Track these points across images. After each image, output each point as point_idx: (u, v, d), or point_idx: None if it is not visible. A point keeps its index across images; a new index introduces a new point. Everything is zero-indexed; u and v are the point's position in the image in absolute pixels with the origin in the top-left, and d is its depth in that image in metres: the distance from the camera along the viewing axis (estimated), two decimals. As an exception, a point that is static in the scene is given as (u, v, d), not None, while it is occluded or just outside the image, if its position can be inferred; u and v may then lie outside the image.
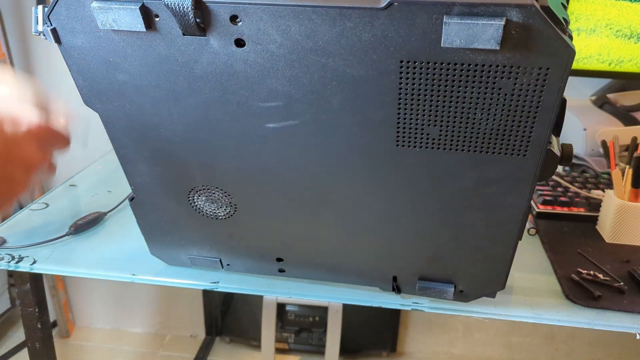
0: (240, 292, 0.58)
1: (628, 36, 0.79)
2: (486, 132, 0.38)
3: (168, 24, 0.37)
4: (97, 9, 0.36)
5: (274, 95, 0.39)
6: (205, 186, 0.49)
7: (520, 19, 0.31)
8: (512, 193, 0.42)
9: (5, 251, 0.62)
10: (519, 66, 0.34)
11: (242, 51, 0.37)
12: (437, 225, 0.46)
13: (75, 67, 0.42)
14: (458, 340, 1.35)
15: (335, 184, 0.45)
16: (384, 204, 0.46)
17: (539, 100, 0.35)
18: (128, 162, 0.49)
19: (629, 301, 0.54)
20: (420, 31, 0.33)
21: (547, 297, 0.56)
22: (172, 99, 0.42)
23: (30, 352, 0.71)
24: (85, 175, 0.87)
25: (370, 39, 0.34)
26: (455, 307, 0.54)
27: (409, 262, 0.51)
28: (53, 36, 0.39)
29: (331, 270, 0.55)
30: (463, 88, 0.36)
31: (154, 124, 0.44)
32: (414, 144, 0.40)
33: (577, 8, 0.78)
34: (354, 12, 0.33)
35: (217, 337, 1.45)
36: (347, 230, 0.49)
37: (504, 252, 0.47)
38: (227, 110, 0.41)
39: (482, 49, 0.33)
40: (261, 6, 0.34)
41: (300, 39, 0.35)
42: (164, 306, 1.46)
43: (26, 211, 0.73)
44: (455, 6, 0.31)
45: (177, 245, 0.57)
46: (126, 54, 0.39)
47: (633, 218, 0.64)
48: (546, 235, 0.67)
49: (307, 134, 0.41)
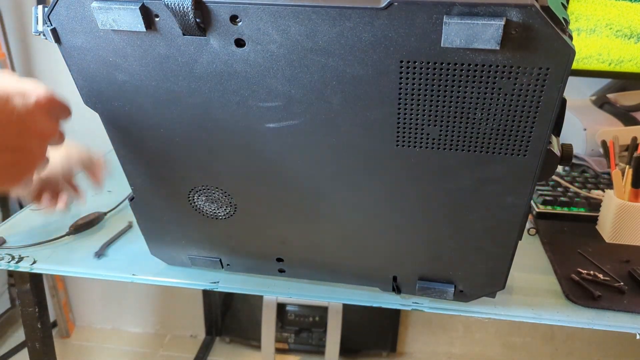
0: (240, 292, 0.58)
1: (628, 36, 0.79)
2: (486, 132, 0.38)
3: (168, 24, 0.37)
4: (97, 9, 0.36)
5: (274, 95, 0.39)
6: (205, 186, 0.49)
7: (520, 19, 0.31)
8: (512, 193, 0.42)
9: (5, 251, 0.62)
10: (519, 66, 0.33)
11: (242, 51, 0.37)
12: (436, 225, 0.46)
13: (75, 67, 0.42)
14: (458, 340, 1.35)
15: (335, 184, 0.45)
16: (383, 204, 0.46)
17: (539, 100, 0.35)
18: (128, 162, 0.49)
19: (629, 301, 0.54)
20: (420, 31, 0.33)
21: (547, 297, 0.56)
22: (172, 99, 0.42)
23: (30, 352, 0.71)
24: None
25: (370, 39, 0.34)
26: (455, 307, 0.54)
27: (409, 262, 0.51)
28: (53, 36, 0.39)
29: (331, 270, 0.55)
30: (463, 88, 0.36)
31: (154, 124, 0.44)
32: (414, 144, 0.40)
33: (577, 8, 0.78)
34: (353, 12, 0.33)
35: (217, 337, 1.45)
36: (347, 230, 0.49)
37: (503, 252, 0.47)
38: (227, 110, 0.41)
39: (482, 49, 0.33)
40: (261, 6, 0.34)
41: (300, 39, 0.35)
42: (164, 306, 1.46)
43: (26, 211, 0.73)
44: (455, 6, 0.31)
45: (177, 245, 0.57)
46: (126, 54, 0.39)
47: (633, 218, 0.64)
48: (546, 235, 0.67)
49: (307, 134, 0.41)
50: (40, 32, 0.41)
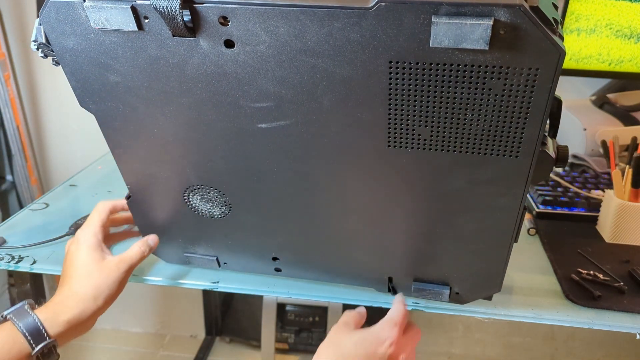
0: (240, 292, 0.58)
1: (628, 36, 0.78)
2: (477, 132, 0.38)
3: (157, 26, 0.37)
4: (89, 7, 0.37)
5: (265, 96, 0.39)
6: (200, 185, 0.49)
7: (508, 19, 0.31)
8: (506, 194, 0.41)
9: (5, 251, 0.63)
10: (508, 66, 0.33)
11: (231, 52, 0.37)
12: (429, 226, 0.46)
13: (68, 69, 0.42)
14: (458, 340, 1.35)
15: (327, 184, 0.45)
16: (376, 204, 0.46)
17: (529, 101, 0.35)
18: (123, 161, 0.49)
19: (629, 301, 0.54)
20: (408, 31, 0.33)
21: (547, 297, 0.55)
22: (163, 100, 0.42)
23: (29, 352, 0.71)
24: (85, 175, 0.87)
25: (358, 39, 0.34)
26: (455, 307, 0.53)
27: (403, 263, 0.51)
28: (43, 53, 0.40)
29: (326, 270, 0.55)
30: (453, 88, 0.35)
31: (147, 124, 0.44)
32: (405, 145, 0.40)
33: (577, 8, 0.78)
34: (341, 12, 0.33)
35: (217, 337, 1.45)
36: (340, 230, 0.49)
37: (498, 254, 0.47)
38: (218, 111, 0.41)
39: (471, 49, 0.32)
40: (249, 7, 0.34)
41: (289, 39, 0.35)
42: (164, 306, 1.47)
43: (26, 211, 0.73)
44: (443, 6, 0.31)
45: (174, 244, 0.57)
46: (117, 56, 0.39)
47: (633, 218, 0.63)
48: (546, 235, 0.67)
49: (298, 134, 0.41)
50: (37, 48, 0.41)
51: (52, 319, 0.45)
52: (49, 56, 0.42)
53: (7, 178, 1.27)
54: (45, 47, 0.41)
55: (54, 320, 0.45)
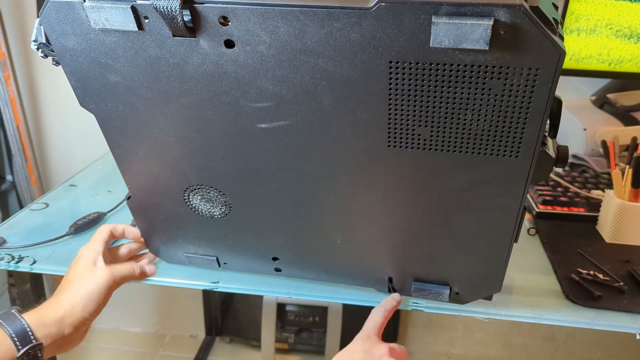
0: (240, 292, 0.58)
1: (628, 36, 0.78)
2: (477, 132, 0.38)
3: (157, 26, 0.37)
4: (89, 7, 0.37)
5: (265, 96, 0.39)
6: (200, 185, 0.49)
7: (508, 19, 0.31)
8: (505, 194, 0.41)
9: (5, 251, 0.63)
10: (508, 66, 0.33)
11: (231, 52, 0.37)
12: (429, 226, 0.46)
13: (68, 69, 0.42)
14: (458, 340, 1.35)
15: (327, 184, 0.45)
16: (376, 204, 0.46)
17: (529, 101, 0.35)
18: (124, 161, 0.49)
19: (629, 301, 0.54)
20: (408, 31, 0.33)
21: (547, 297, 0.55)
22: (164, 100, 0.42)
23: (29, 352, 0.71)
24: (85, 175, 0.87)
25: (358, 39, 0.34)
26: (455, 307, 0.53)
27: (403, 263, 0.51)
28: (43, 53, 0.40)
29: (326, 270, 0.55)
30: (453, 88, 0.35)
31: (147, 123, 0.44)
32: (405, 145, 0.40)
33: (577, 8, 0.78)
34: (341, 12, 0.33)
35: (217, 337, 1.45)
36: (340, 230, 0.49)
37: (498, 254, 0.47)
38: (218, 111, 0.41)
39: (471, 49, 0.32)
40: (249, 7, 0.34)
41: (289, 39, 0.35)
42: (164, 306, 1.47)
43: (26, 211, 0.73)
44: (443, 6, 0.31)
45: (175, 244, 0.57)
46: (117, 56, 0.39)
47: (633, 218, 0.63)
48: (546, 235, 0.67)
49: (298, 134, 0.41)
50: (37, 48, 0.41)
51: (37, 319, 0.46)
52: (49, 56, 0.42)
53: (7, 178, 1.27)
54: (46, 47, 0.41)
55: (40, 322, 0.46)
